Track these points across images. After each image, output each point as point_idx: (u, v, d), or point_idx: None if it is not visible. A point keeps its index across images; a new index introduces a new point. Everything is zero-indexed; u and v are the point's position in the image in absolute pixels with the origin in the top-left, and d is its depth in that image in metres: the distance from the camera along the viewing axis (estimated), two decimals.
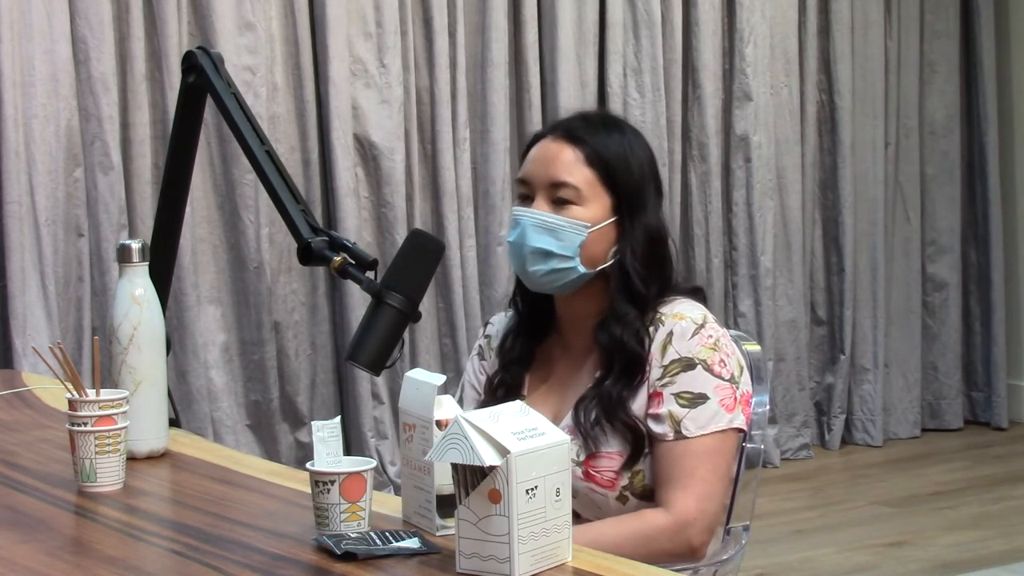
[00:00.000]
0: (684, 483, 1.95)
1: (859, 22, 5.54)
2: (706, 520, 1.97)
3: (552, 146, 2.06)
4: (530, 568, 1.45)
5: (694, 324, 2.00)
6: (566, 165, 2.03)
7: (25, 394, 2.62)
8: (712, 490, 1.97)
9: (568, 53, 4.89)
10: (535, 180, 2.05)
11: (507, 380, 2.12)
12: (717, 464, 1.98)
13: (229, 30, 4.30)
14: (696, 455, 1.96)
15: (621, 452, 1.99)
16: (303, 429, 4.50)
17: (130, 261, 2.03)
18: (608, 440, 1.99)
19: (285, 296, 4.49)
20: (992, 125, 5.78)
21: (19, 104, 3.97)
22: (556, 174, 2.03)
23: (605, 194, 2.03)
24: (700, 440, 1.96)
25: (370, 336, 1.88)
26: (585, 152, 2.03)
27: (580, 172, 2.03)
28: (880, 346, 5.61)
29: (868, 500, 4.80)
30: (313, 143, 4.50)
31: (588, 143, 2.04)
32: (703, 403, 1.97)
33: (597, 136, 2.05)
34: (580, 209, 2.02)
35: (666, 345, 2.00)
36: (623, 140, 2.06)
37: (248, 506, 1.84)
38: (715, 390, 1.98)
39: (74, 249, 4.11)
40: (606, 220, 2.03)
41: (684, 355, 1.99)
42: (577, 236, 2.01)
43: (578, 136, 2.05)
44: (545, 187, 2.04)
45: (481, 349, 2.23)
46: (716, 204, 5.23)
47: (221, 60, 2.18)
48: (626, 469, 1.99)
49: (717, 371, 1.99)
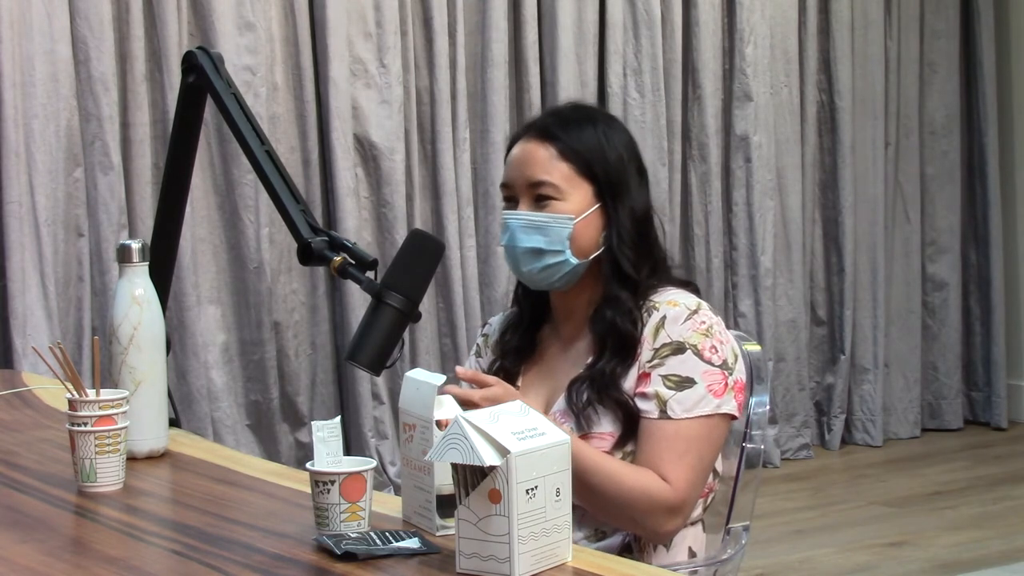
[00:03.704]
0: (675, 463, 1.96)
1: (859, 22, 5.54)
2: (691, 506, 2.01)
3: (527, 147, 2.09)
4: (530, 568, 1.45)
5: (687, 310, 2.03)
6: (541, 163, 2.06)
7: (25, 394, 2.62)
8: (698, 479, 1.99)
9: (568, 53, 4.89)
10: (516, 182, 2.09)
11: (504, 367, 2.16)
12: (703, 453, 1.99)
13: (229, 30, 4.30)
14: (685, 439, 1.97)
15: (612, 433, 2.00)
16: (303, 429, 4.50)
17: (130, 261, 2.03)
18: (600, 420, 2.01)
19: (285, 296, 4.49)
20: (992, 125, 5.79)
21: (19, 104, 3.97)
22: (533, 174, 2.06)
23: (585, 184, 2.06)
24: (688, 424, 1.97)
25: (370, 336, 1.88)
26: (558, 147, 2.06)
27: (556, 168, 2.06)
28: (880, 346, 5.61)
29: (868, 500, 4.80)
30: (313, 143, 4.50)
31: (560, 138, 2.07)
32: (690, 387, 1.99)
33: (569, 129, 2.08)
34: (562, 203, 2.05)
35: (658, 329, 2.02)
36: (595, 129, 2.09)
37: (248, 506, 1.84)
38: (703, 375, 1.99)
39: (74, 249, 4.11)
40: (590, 209, 2.06)
41: (675, 339, 2.00)
42: (563, 229, 2.04)
43: (550, 133, 2.08)
44: (525, 188, 2.07)
45: (479, 348, 2.26)
46: (716, 204, 5.23)
47: (221, 60, 2.18)
48: (617, 449, 2.00)
49: (707, 357, 2.00)
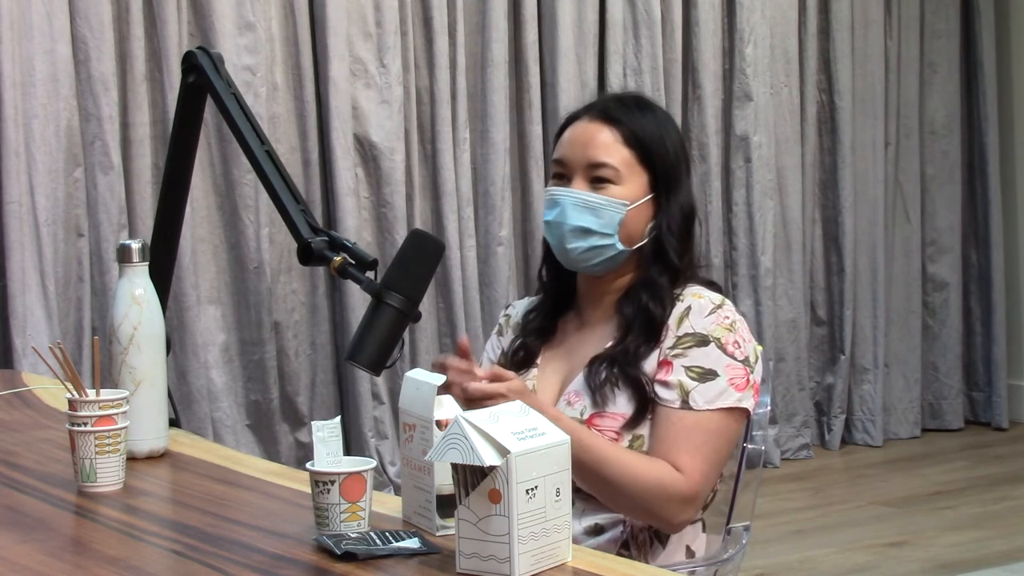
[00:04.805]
0: (692, 454, 1.97)
1: (859, 22, 5.54)
2: (704, 497, 2.02)
3: (589, 127, 2.10)
4: (530, 568, 1.45)
5: (712, 303, 2.05)
6: (604, 145, 2.07)
7: (25, 394, 2.62)
8: (712, 472, 2.00)
9: (568, 53, 4.89)
10: (573, 161, 2.09)
11: (525, 345, 2.17)
12: (719, 446, 2.00)
13: (229, 30, 4.30)
14: (705, 431, 1.98)
15: (624, 413, 2.01)
16: (303, 429, 4.50)
17: (130, 261, 2.03)
18: (615, 400, 2.01)
19: (285, 296, 4.49)
20: (992, 125, 5.79)
21: (19, 104, 3.97)
22: (594, 155, 2.07)
23: (642, 172, 2.08)
24: (708, 416, 1.98)
25: (370, 336, 1.88)
26: (622, 132, 2.08)
27: (618, 152, 2.07)
28: (880, 346, 5.61)
29: (868, 500, 4.80)
30: (313, 143, 4.50)
31: (624, 123, 2.08)
32: (712, 379, 1.99)
33: (632, 116, 2.09)
34: (618, 188, 2.07)
35: (683, 318, 2.03)
36: (656, 120, 2.11)
37: (248, 506, 1.84)
38: (726, 369, 2.00)
39: (74, 249, 4.11)
40: (643, 198, 2.08)
41: (699, 331, 2.02)
42: (616, 214, 2.06)
43: (614, 116, 2.09)
44: (583, 167, 2.08)
45: (500, 327, 2.28)
46: (716, 204, 5.23)
47: (221, 60, 2.18)
48: (627, 430, 2.00)
49: (730, 351, 2.01)
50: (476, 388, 1.85)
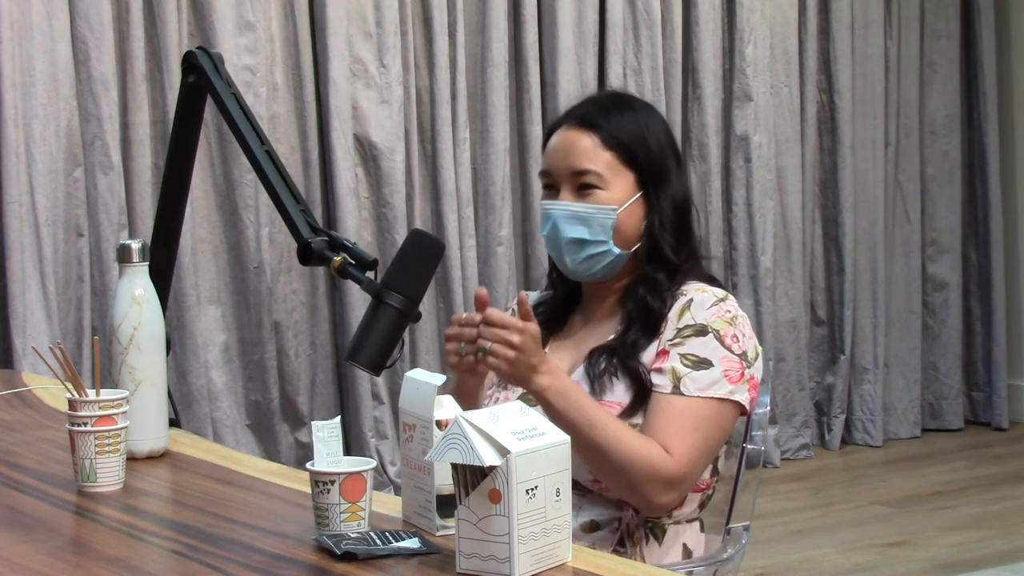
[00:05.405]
0: (681, 439, 1.97)
1: (859, 22, 5.54)
2: (690, 484, 2.01)
3: (569, 135, 2.10)
4: (530, 568, 1.45)
5: (715, 297, 2.07)
6: (585, 152, 2.07)
7: (25, 394, 2.62)
8: (700, 458, 2.00)
9: (568, 53, 4.89)
10: (557, 171, 2.10)
11: None
12: (709, 435, 2.00)
13: (229, 30, 4.30)
14: (694, 417, 1.98)
15: (621, 403, 2.02)
16: (303, 429, 4.50)
17: (130, 261, 2.03)
18: (613, 389, 2.02)
19: (285, 296, 4.49)
20: (992, 125, 5.78)
21: (19, 104, 3.97)
22: (577, 163, 2.08)
23: (627, 172, 2.08)
24: (699, 402, 1.99)
25: (370, 336, 1.88)
26: (601, 136, 2.08)
27: (600, 157, 2.07)
28: (880, 346, 5.61)
29: (868, 500, 4.80)
30: (313, 143, 4.50)
31: (603, 127, 2.08)
32: (706, 368, 2.00)
33: (610, 118, 2.09)
34: (605, 193, 2.07)
35: (684, 311, 2.05)
36: (637, 117, 2.11)
37: (248, 506, 1.84)
38: (721, 360, 2.01)
39: (74, 249, 4.11)
40: (632, 198, 2.08)
41: (699, 321, 2.03)
42: (607, 219, 2.06)
43: (592, 121, 2.09)
44: (568, 176, 2.08)
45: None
46: (716, 204, 5.23)
47: (221, 60, 2.18)
48: (624, 419, 2.00)
49: (728, 343, 2.02)
50: (493, 313, 1.87)
